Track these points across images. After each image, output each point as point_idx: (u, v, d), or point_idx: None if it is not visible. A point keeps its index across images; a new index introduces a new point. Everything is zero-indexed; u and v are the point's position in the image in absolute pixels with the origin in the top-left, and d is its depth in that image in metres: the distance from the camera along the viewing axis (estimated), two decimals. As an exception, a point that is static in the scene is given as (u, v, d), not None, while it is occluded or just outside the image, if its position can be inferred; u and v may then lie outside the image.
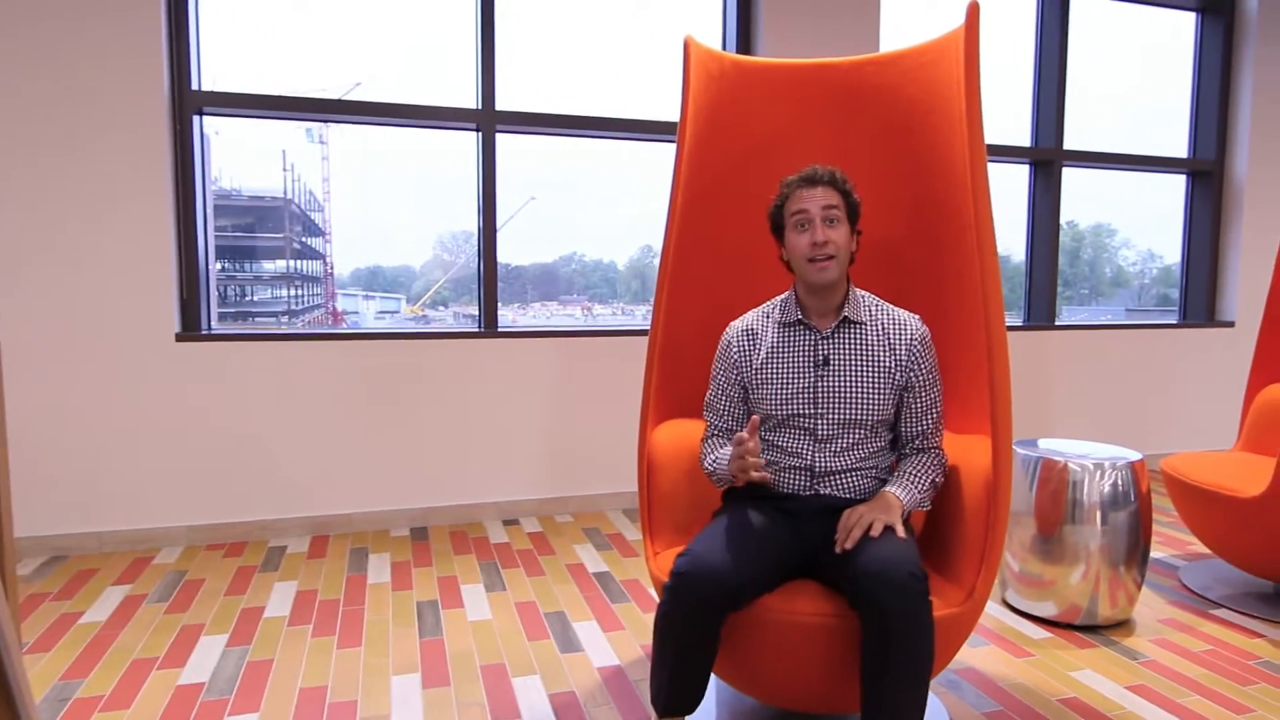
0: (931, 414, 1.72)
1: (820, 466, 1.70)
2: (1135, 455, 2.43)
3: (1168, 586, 2.72)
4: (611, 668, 2.11)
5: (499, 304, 3.47)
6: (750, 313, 1.87)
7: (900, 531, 1.52)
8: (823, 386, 1.70)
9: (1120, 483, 2.36)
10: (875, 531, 1.51)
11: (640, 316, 4.00)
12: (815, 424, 1.70)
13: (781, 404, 1.73)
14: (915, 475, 1.68)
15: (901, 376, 1.70)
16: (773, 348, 1.77)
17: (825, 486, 1.70)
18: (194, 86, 3.05)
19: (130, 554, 2.95)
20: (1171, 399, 4.46)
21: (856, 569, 1.44)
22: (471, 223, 3.49)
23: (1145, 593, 2.67)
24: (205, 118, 3.17)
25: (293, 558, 2.93)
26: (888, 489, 1.64)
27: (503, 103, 3.39)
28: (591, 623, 2.39)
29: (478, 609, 2.49)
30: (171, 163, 2.99)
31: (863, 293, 1.79)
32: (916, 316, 1.75)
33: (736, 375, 1.81)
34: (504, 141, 3.42)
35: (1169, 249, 4.87)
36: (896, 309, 1.76)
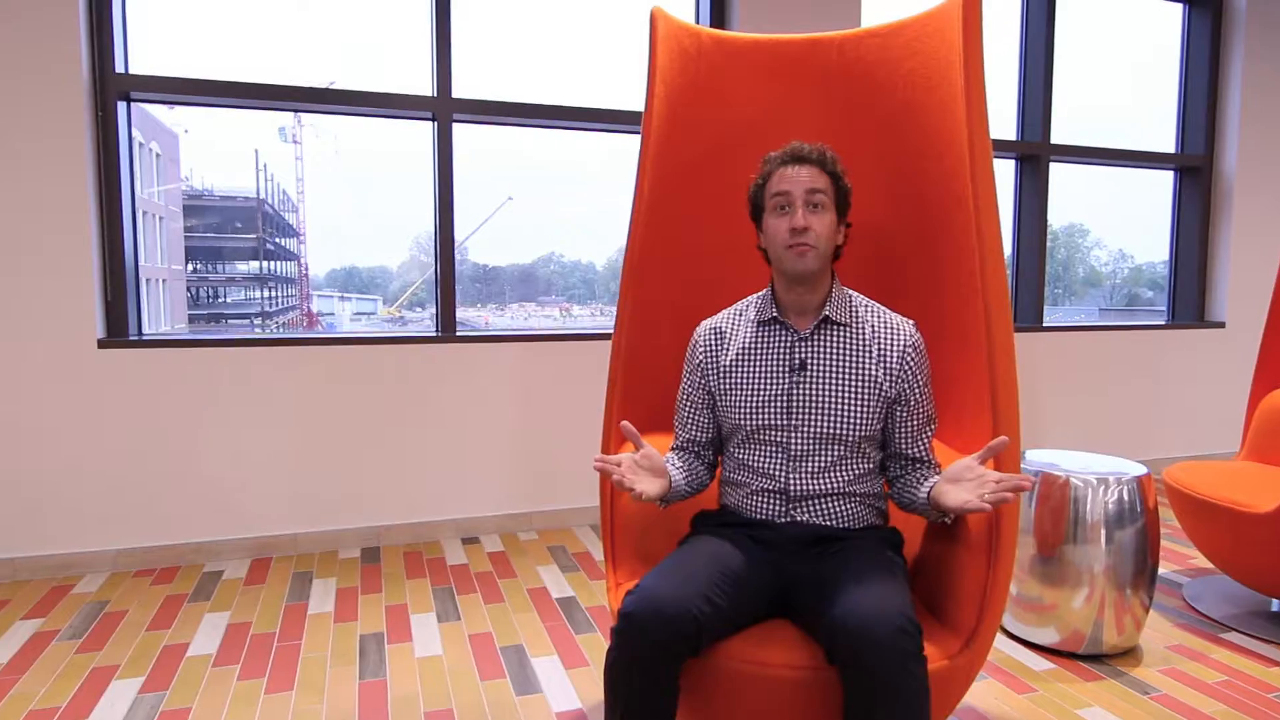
0: (928, 431, 1.53)
1: (795, 488, 1.49)
2: (1140, 469, 2.25)
3: (1173, 607, 2.55)
4: (572, 713, 1.89)
5: (477, 305, 3.23)
6: (724, 311, 1.67)
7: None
8: (798, 394, 1.49)
9: (1126, 498, 2.18)
10: (1027, 485, 1.23)
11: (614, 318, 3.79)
12: (789, 438, 1.49)
13: (751, 413, 1.51)
14: (930, 484, 1.47)
15: (891, 388, 1.49)
16: (743, 348, 1.56)
17: (802, 512, 1.49)
18: (118, 69, 2.79)
19: (48, 582, 2.68)
20: (1163, 403, 4.31)
21: (834, 622, 1.21)
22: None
23: (1151, 615, 2.50)
24: (136, 104, 2.91)
25: (228, 585, 2.67)
26: (929, 486, 1.44)
27: (462, 90, 3.15)
28: (552, 658, 2.17)
29: (427, 643, 2.25)
30: (93, 152, 2.73)
31: (851, 292, 1.58)
32: (911, 321, 1.54)
33: (702, 380, 1.61)
34: (480, 140, 3.19)
35: (1139, 249, 4.75)
36: (890, 312, 1.56)
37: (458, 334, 3.17)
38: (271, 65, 2.95)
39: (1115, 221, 4.72)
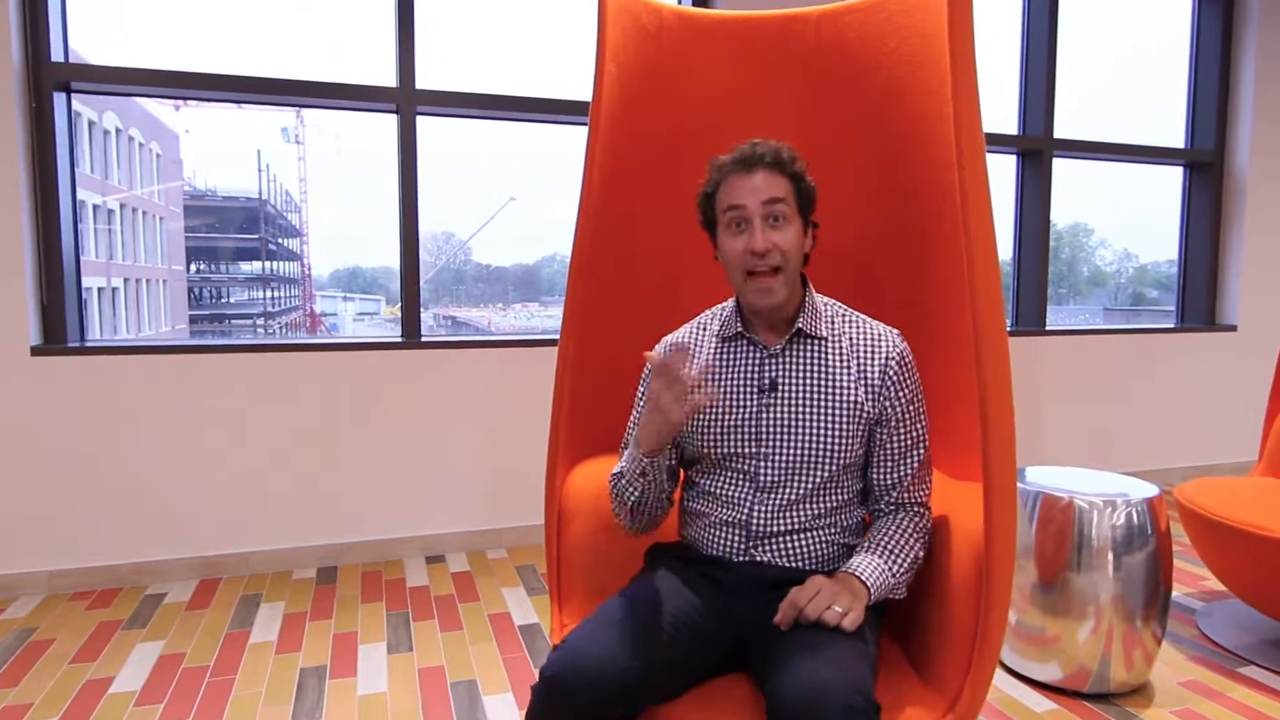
0: (912, 458, 1.31)
1: (758, 523, 1.29)
2: (1151, 489, 2.06)
3: (1186, 636, 2.35)
4: (520, 763, 1.71)
5: (481, 305, 3.04)
6: (685, 326, 1.47)
7: (852, 623, 1.11)
8: (767, 418, 1.30)
9: (1135, 521, 1.98)
10: (830, 620, 1.11)
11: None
12: (758, 466, 1.30)
13: (716, 439, 1.32)
14: (892, 546, 1.26)
15: (873, 407, 1.29)
16: (706, 367, 1.38)
17: (763, 551, 1.30)
18: (54, 58, 2.61)
19: (-24, 607, 2.50)
20: (1171, 409, 4.11)
21: (774, 691, 1.03)
22: (452, 223, 3.12)
23: (1162, 645, 2.30)
24: (76, 95, 2.73)
25: (169, 610, 2.49)
26: (852, 565, 1.23)
27: (428, 81, 2.97)
28: (506, 695, 1.98)
29: (372, 678, 2.07)
30: (25, 146, 2.55)
31: (826, 300, 1.38)
32: (895, 331, 1.34)
33: None
34: (484, 140, 3.02)
35: (1144, 248, 4.56)
36: (871, 321, 1.35)
37: (423, 339, 2.98)
38: (255, 58, 2.77)
39: (1118, 220, 4.53)
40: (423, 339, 2.99)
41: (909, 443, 1.31)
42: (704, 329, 1.43)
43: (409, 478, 2.95)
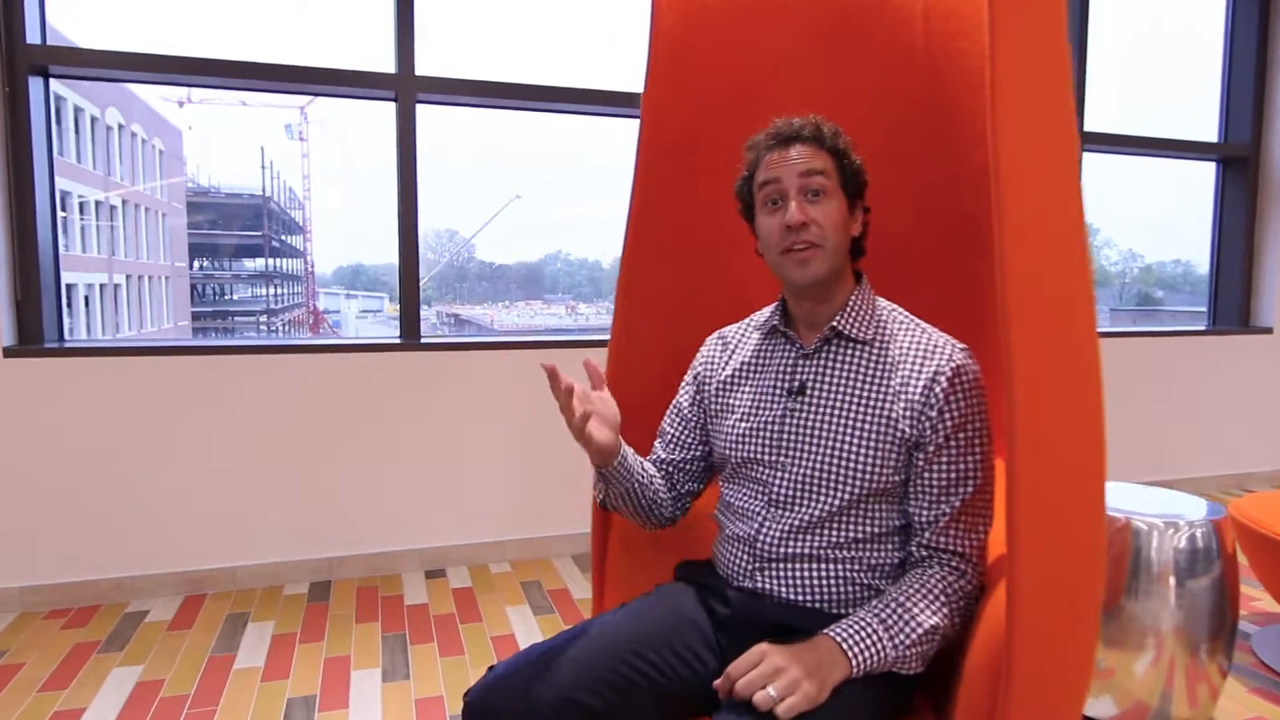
0: (955, 497, 1.07)
1: (764, 543, 1.13)
2: (1217, 509, 1.89)
3: (1244, 664, 2.18)
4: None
5: (485, 303, 2.89)
6: (741, 321, 1.35)
7: (788, 711, 0.91)
8: (791, 424, 1.14)
9: (1200, 543, 1.81)
10: (761, 705, 0.91)
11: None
12: (773, 476, 1.14)
13: (737, 441, 1.19)
14: (900, 606, 1.03)
15: (910, 428, 1.08)
16: (744, 363, 1.24)
17: (768, 576, 1.13)
18: (30, 39, 2.45)
19: (-56, 625, 2.34)
20: (1204, 415, 3.93)
21: None
22: (456, 220, 2.93)
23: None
24: (55, 81, 2.57)
25: (149, 629, 2.33)
26: (841, 623, 1.02)
27: (429, 68, 2.80)
28: (511, 732, 1.81)
29: (365, 711, 1.90)
30: (0, 133, 2.39)
31: (887, 304, 1.20)
32: (961, 346, 1.12)
33: (697, 393, 1.30)
34: (488, 136, 2.86)
35: (1150, 248, 4.39)
36: (935, 332, 1.15)
37: (423, 340, 2.82)
38: (254, 47, 2.61)
39: (1123, 218, 4.34)
40: (423, 340, 2.82)
41: (953, 477, 1.07)
42: (751, 323, 1.31)
43: (407, 487, 2.79)
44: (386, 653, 2.19)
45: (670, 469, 1.29)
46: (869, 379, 1.12)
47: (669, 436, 1.31)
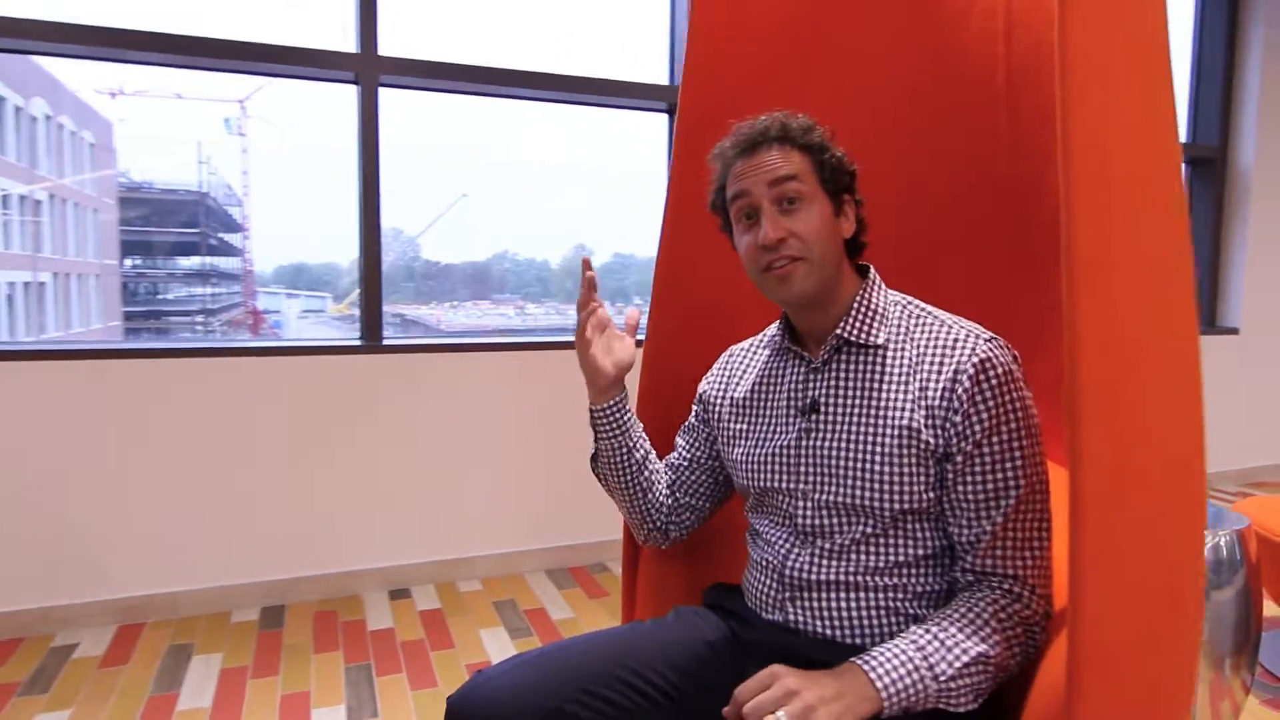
0: (997, 510, 0.93)
1: (791, 573, 1.02)
2: (1241, 517, 1.81)
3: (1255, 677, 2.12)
4: None
5: (431, 303, 2.69)
6: (753, 338, 1.22)
7: None
8: (807, 446, 1.03)
9: (1224, 553, 1.73)
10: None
11: (572, 317, 3.26)
12: (795, 506, 1.03)
13: (753, 470, 1.08)
14: (945, 633, 0.89)
15: (934, 436, 0.94)
16: (754, 385, 1.13)
17: (797, 608, 1.02)
18: (-63, 3, 2.18)
19: None
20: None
21: None
22: (402, 219, 2.74)
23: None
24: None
25: (78, 666, 2.08)
26: (874, 651, 0.89)
27: (392, 48, 2.60)
28: (496, 776, 1.64)
29: (329, 756, 1.70)
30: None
31: (900, 298, 1.06)
32: (986, 335, 0.98)
33: (704, 414, 1.21)
34: (435, 134, 2.67)
35: None
36: (956, 323, 1.00)
37: (385, 343, 2.61)
38: (206, 21, 2.37)
39: None
40: (385, 342, 2.62)
41: (990, 490, 0.93)
42: (761, 340, 1.19)
43: (367, 499, 2.58)
44: (350, 686, 1.99)
45: (672, 472, 1.23)
46: (886, 387, 0.99)
47: (678, 445, 1.25)
